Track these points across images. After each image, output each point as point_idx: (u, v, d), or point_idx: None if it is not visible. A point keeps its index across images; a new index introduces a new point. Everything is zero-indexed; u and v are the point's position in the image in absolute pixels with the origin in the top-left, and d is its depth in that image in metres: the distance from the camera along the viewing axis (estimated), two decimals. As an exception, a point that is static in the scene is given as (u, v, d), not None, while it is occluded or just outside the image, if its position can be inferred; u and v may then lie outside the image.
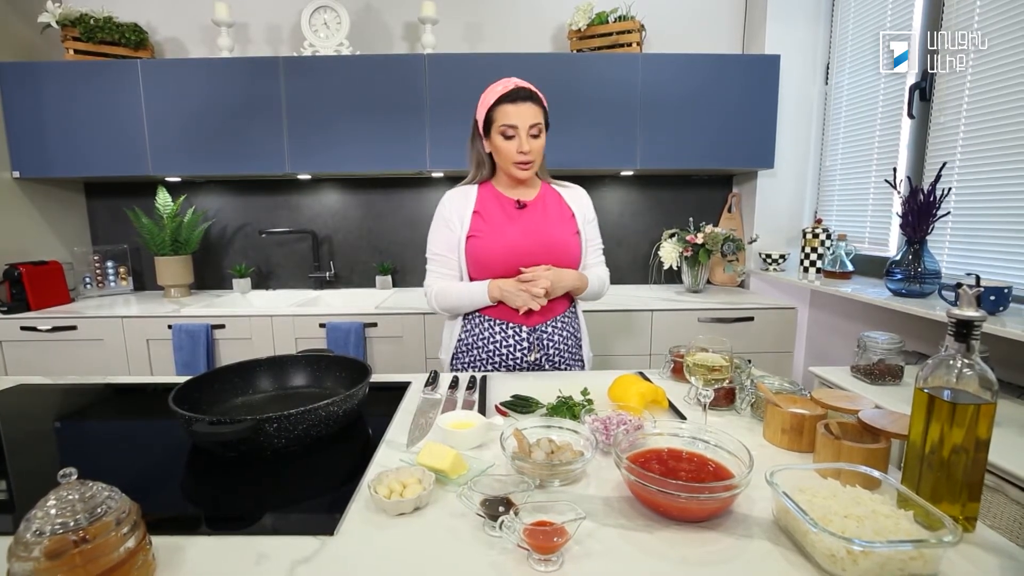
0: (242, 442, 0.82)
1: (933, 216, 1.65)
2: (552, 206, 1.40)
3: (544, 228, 1.35)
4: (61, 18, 2.25)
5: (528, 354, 1.35)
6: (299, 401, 1.04)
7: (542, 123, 1.29)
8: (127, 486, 0.59)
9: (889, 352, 1.48)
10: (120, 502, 0.56)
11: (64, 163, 2.31)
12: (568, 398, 1.01)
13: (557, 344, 1.37)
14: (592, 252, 1.46)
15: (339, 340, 2.11)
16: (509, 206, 1.37)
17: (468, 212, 1.35)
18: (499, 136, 1.29)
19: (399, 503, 0.68)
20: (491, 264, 1.32)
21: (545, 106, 1.31)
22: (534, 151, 1.28)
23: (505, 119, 1.26)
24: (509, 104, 1.26)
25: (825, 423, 0.81)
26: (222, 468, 0.85)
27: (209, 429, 0.79)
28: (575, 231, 1.39)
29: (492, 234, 1.33)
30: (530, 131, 1.27)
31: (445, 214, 1.38)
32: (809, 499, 0.64)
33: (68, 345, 2.17)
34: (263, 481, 0.80)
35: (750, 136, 2.36)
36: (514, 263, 1.31)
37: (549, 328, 1.36)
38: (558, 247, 1.34)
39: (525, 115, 1.26)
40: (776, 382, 1.02)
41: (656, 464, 0.75)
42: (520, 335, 1.34)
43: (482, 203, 1.37)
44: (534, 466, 0.75)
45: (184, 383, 0.96)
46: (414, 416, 1.03)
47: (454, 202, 1.38)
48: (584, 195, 1.47)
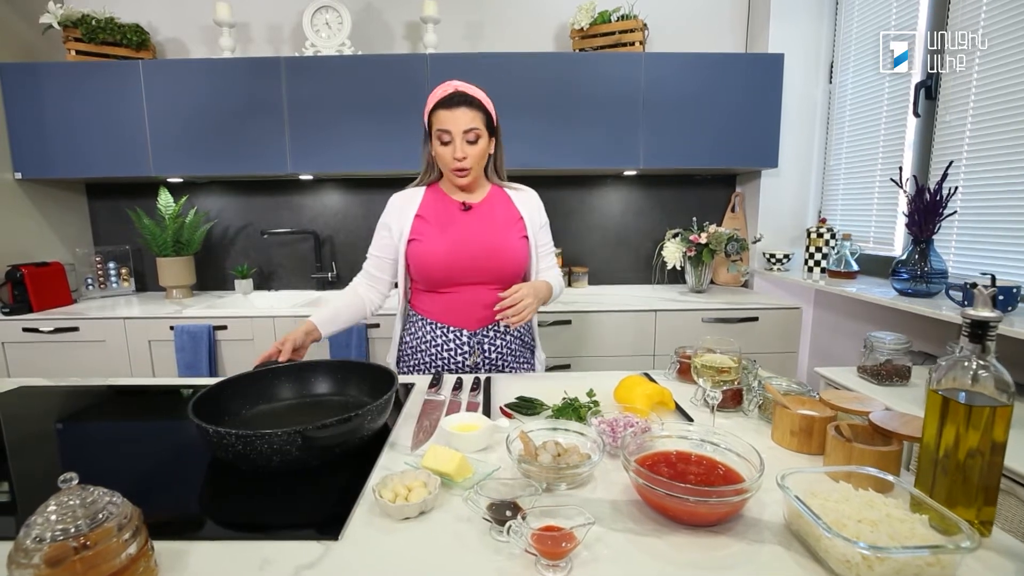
0: (276, 453, 0.78)
1: (940, 215, 1.64)
2: (499, 209, 1.37)
3: (489, 232, 1.32)
4: (63, 19, 2.24)
5: (467, 358, 1.33)
6: (327, 409, 1.03)
7: (480, 128, 1.25)
8: (129, 489, 0.59)
9: (896, 352, 1.47)
10: (122, 507, 0.55)
11: (66, 164, 2.31)
12: (574, 399, 1.00)
13: (500, 348, 1.36)
14: (544, 257, 1.43)
15: (341, 341, 2.10)
16: (454, 209, 1.35)
17: (410, 216, 1.34)
18: (436, 141, 1.28)
19: (404, 507, 0.67)
20: (433, 267, 1.30)
21: (487, 110, 1.28)
22: (471, 156, 1.26)
23: (439, 124, 1.25)
24: (444, 109, 1.24)
25: (835, 425, 0.80)
26: (224, 472, 0.84)
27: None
28: (522, 235, 1.36)
29: (434, 237, 1.31)
30: (466, 136, 1.24)
31: (385, 217, 1.39)
32: (822, 503, 0.63)
33: (70, 346, 2.16)
34: (266, 485, 0.79)
35: (754, 135, 2.35)
36: (456, 266, 1.30)
37: (491, 332, 1.35)
38: (503, 252, 1.32)
39: (460, 120, 1.23)
40: (784, 383, 1.01)
41: (664, 467, 0.74)
42: (461, 339, 1.33)
43: (427, 206, 1.36)
44: (541, 469, 0.74)
45: (200, 395, 0.92)
46: (418, 418, 1.02)
47: (396, 205, 1.39)
48: (535, 198, 1.43)
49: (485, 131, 1.27)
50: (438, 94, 1.27)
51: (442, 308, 1.34)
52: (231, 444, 0.78)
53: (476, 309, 1.32)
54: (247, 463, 0.81)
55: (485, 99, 1.29)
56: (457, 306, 1.33)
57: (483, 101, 1.28)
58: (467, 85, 1.28)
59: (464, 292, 1.32)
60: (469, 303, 1.32)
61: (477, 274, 1.31)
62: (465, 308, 1.32)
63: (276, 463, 0.80)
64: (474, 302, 1.32)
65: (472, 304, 1.32)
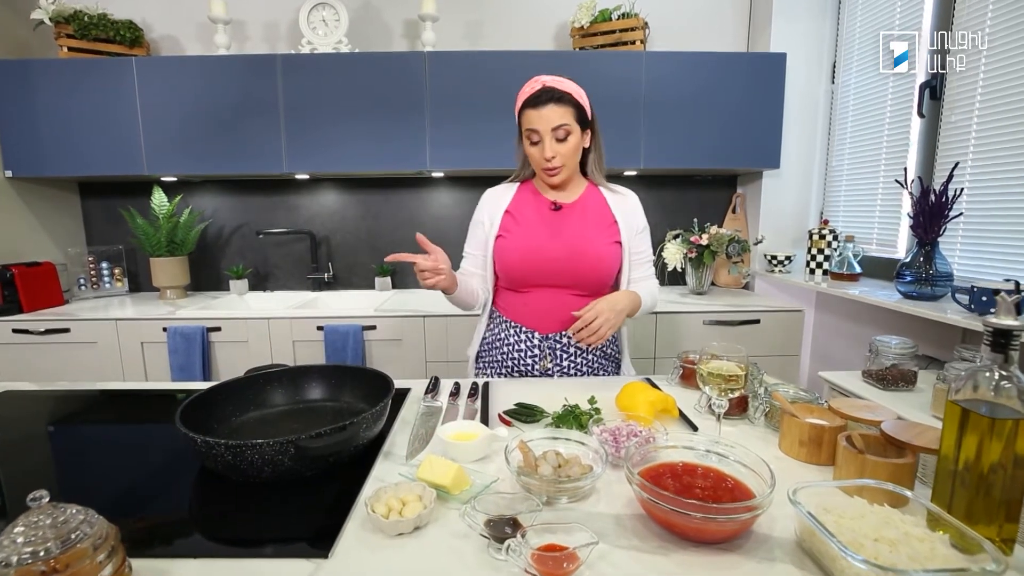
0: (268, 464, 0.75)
1: (945, 217, 1.61)
2: (592, 211, 1.32)
3: (578, 234, 1.27)
4: (54, 15, 2.21)
5: (539, 362, 1.30)
6: (322, 415, 1.00)
7: (570, 124, 1.20)
8: (111, 502, 0.56)
9: (902, 357, 1.44)
10: (97, 526, 0.51)
11: (58, 162, 2.27)
12: (575, 407, 0.97)
13: (573, 356, 1.31)
14: (640, 266, 1.36)
15: (337, 343, 2.07)
16: (544, 207, 1.31)
17: (500, 211, 1.32)
18: (526, 141, 1.25)
19: (398, 523, 0.64)
20: (515, 265, 1.28)
21: (579, 102, 1.23)
22: (561, 155, 1.22)
23: (528, 124, 1.22)
24: (531, 108, 1.20)
25: (847, 435, 0.77)
26: (213, 481, 0.81)
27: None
28: (614, 240, 1.30)
29: (520, 235, 1.29)
30: (555, 134, 1.20)
31: (478, 213, 1.37)
32: (836, 520, 0.60)
33: (61, 348, 2.13)
34: (252, 498, 0.76)
35: (756, 135, 2.32)
36: (539, 267, 1.27)
37: (564, 339, 1.30)
38: (589, 256, 1.26)
39: (548, 118, 1.19)
40: (791, 390, 0.98)
41: (670, 479, 0.71)
42: (532, 341, 1.30)
43: (517, 203, 1.33)
44: (541, 483, 0.71)
45: (189, 401, 0.89)
46: (414, 426, 0.99)
47: (489, 200, 1.36)
48: (634, 202, 1.38)
49: (577, 126, 1.22)
50: (526, 92, 1.23)
51: (519, 308, 1.31)
52: (220, 454, 0.75)
53: (551, 312, 1.28)
54: (237, 473, 0.78)
55: (576, 91, 1.24)
56: (533, 307, 1.30)
57: (573, 94, 1.22)
58: (556, 79, 1.23)
59: (542, 294, 1.29)
60: (545, 305, 1.29)
61: (558, 277, 1.27)
62: (541, 310, 1.29)
63: (267, 474, 0.77)
64: (551, 305, 1.28)
65: (548, 307, 1.28)
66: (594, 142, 1.33)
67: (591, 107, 1.28)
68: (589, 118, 1.27)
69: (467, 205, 2.66)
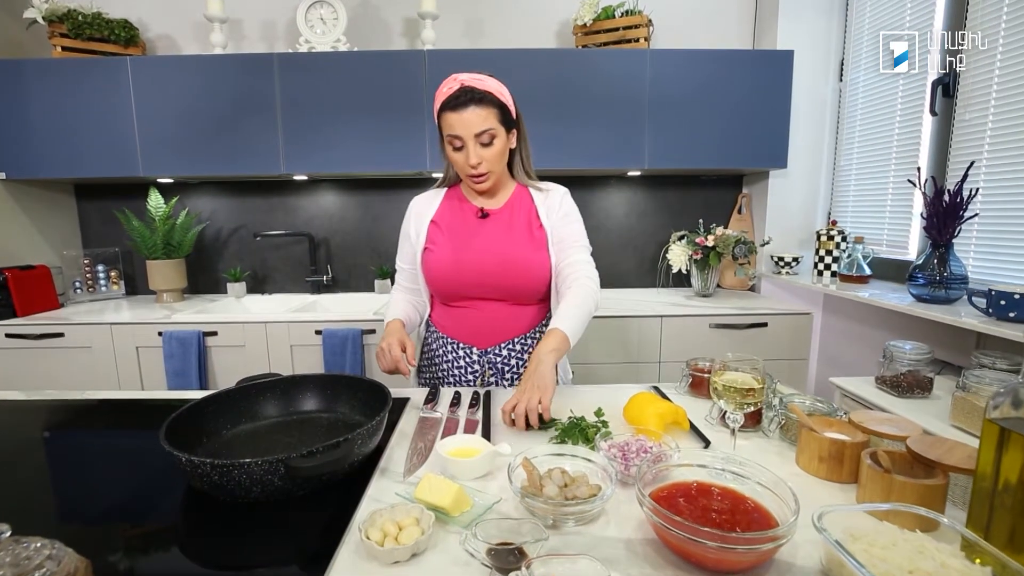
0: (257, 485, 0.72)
1: (960, 218, 1.57)
2: (520, 216, 1.23)
3: (505, 243, 1.20)
4: (48, 14, 2.17)
5: (478, 377, 1.25)
6: (316, 427, 0.95)
7: (494, 127, 1.11)
8: (84, 527, 0.51)
9: (918, 363, 1.40)
10: (65, 561, 0.47)
11: (52, 164, 2.23)
12: (580, 419, 0.93)
13: (515, 368, 1.25)
14: (570, 249, 1.20)
15: (336, 348, 2.03)
16: (470, 215, 1.24)
17: (426, 221, 1.25)
18: (449, 147, 1.15)
19: (394, 551, 0.60)
20: (443, 279, 1.21)
21: (502, 101, 1.13)
22: (487, 161, 1.13)
23: (448, 129, 1.12)
24: (451, 112, 1.10)
25: (871, 452, 0.73)
26: (194, 503, 0.76)
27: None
28: (543, 246, 1.21)
29: (445, 247, 1.22)
30: (479, 139, 1.11)
31: (405, 225, 1.30)
32: (866, 548, 0.56)
33: (55, 353, 2.09)
34: (240, 519, 0.71)
35: (762, 134, 2.28)
36: (467, 280, 1.20)
37: (504, 351, 1.24)
38: (518, 265, 1.18)
39: (470, 123, 1.09)
40: (807, 401, 0.94)
41: (683, 500, 0.67)
42: (471, 356, 1.25)
43: (443, 212, 1.26)
44: (546, 506, 0.66)
45: (176, 415, 0.85)
46: (412, 438, 0.94)
47: (415, 210, 1.29)
48: (560, 195, 1.26)
49: (501, 128, 1.13)
50: (443, 92, 1.12)
51: (454, 323, 1.26)
52: (206, 473, 0.71)
53: (487, 326, 1.23)
54: (224, 493, 0.73)
55: (498, 90, 1.13)
56: (468, 322, 1.24)
57: (495, 93, 1.12)
58: (476, 77, 1.12)
59: (476, 307, 1.23)
60: (480, 319, 1.23)
61: (489, 289, 1.21)
62: (476, 324, 1.24)
63: (256, 493, 0.73)
64: (485, 319, 1.23)
65: (483, 321, 1.23)
66: (521, 141, 1.24)
67: (515, 104, 1.19)
68: (514, 117, 1.18)
69: (468, 206, 2.61)
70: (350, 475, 0.81)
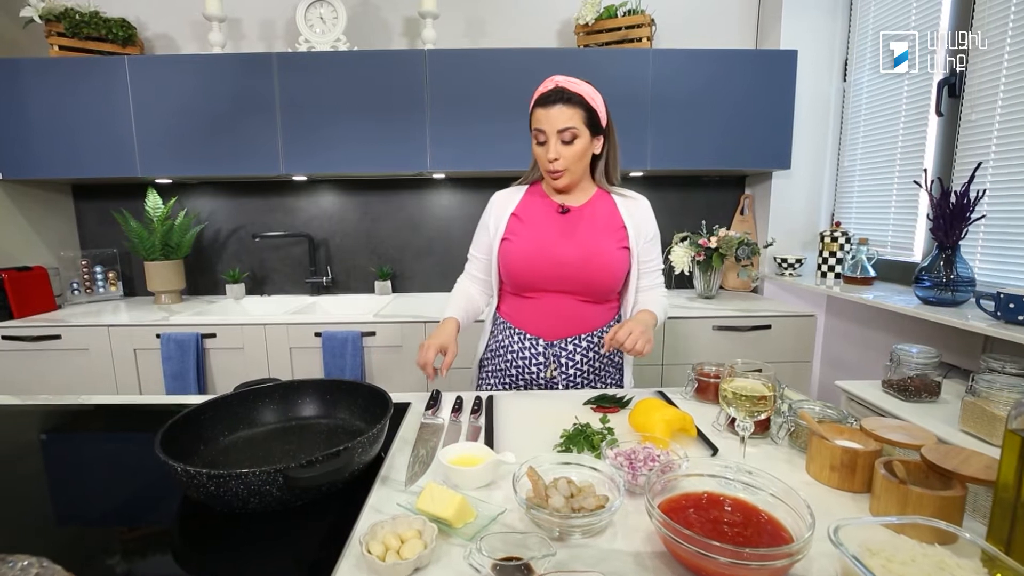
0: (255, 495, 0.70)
1: (967, 220, 1.55)
2: (601, 215, 1.28)
3: (586, 237, 1.24)
4: (45, 12, 2.15)
5: (543, 370, 1.26)
6: (316, 434, 0.93)
7: (577, 127, 1.17)
8: (77, 538, 0.49)
9: (925, 367, 1.38)
10: (53, 580, 0.45)
11: (49, 164, 2.21)
12: (585, 426, 0.91)
13: (579, 364, 1.27)
14: (647, 274, 1.32)
15: (335, 350, 2.01)
16: (551, 210, 1.28)
17: (507, 213, 1.29)
18: (534, 141, 1.22)
19: (396, 566, 0.58)
20: (520, 269, 1.25)
21: (591, 105, 1.19)
22: (565, 158, 1.18)
23: (536, 123, 1.19)
24: (540, 108, 1.17)
25: (885, 462, 0.71)
26: (190, 513, 0.74)
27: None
28: (622, 246, 1.26)
29: (526, 238, 1.25)
30: (560, 136, 1.17)
31: (485, 216, 1.35)
32: (884, 564, 0.54)
33: (52, 355, 2.07)
34: (238, 530, 0.69)
35: (765, 135, 2.26)
36: (545, 270, 1.23)
37: (570, 345, 1.26)
38: (597, 260, 1.23)
39: (555, 119, 1.16)
40: (817, 407, 0.92)
41: (693, 512, 0.65)
42: (537, 348, 1.26)
43: (524, 206, 1.30)
44: (552, 518, 0.65)
45: (172, 422, 0.83)
46: (414, 445, 0.93)
47: (496, 202, 1.34)
48: (645, 207, 1.33)
49: (585, 130, 1.18)
50: (539, 90, 1.20)
51: (523, 313, 1.29)
52: (202, 484, 0.69)
53: (556, 318, 1.25)
54: (221, 504, 0.71)
55: (589, 95, 1.20)
56: (538, 313, 1.26)
57: (585, 96, 1.18)
58: (571, 80, 1.20)
59: (547, 299, 1.25)
60: (550, 311, 1.25)
61: (564, 282, 1.23)
62: (545, 316, 1.26)
63: (254, 504, 0.71)
64: (556, 311, 1.25)
65: (553, 312, 1.25)
66: (610, 149, 1.29)
67: (608, 114, 1.24)
68: (603, 124, 1.23)
69: (469, 207, 2.60)
70: (350, 484, 0.79)
